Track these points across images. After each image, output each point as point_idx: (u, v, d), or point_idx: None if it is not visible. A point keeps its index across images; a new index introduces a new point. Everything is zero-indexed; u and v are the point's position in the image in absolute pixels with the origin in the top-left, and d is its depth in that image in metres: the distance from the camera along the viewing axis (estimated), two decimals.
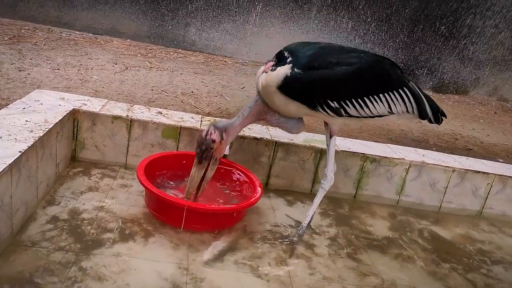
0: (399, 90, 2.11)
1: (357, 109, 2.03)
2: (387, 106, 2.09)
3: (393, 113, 2.13)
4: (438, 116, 2.25)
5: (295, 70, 1.94)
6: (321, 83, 1.96)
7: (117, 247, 1.89)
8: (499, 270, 2.39)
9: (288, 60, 1.97)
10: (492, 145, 4.07)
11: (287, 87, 1.97)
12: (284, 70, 1.96)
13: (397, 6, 5.63)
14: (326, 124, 2.26)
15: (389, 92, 2.08)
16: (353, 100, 2.01)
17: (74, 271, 1.69)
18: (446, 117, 2.32)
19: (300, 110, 2.07)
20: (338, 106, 2.00)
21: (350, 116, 2.05)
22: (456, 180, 2.86)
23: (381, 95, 2.06)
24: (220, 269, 1.90)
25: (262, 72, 2.06)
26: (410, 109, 2.15)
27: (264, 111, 2.14)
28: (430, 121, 2.24)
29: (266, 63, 2.09)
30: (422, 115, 2.19)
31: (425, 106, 2.18)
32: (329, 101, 1.99)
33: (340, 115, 2.03)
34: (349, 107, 2.02)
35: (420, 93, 2.18)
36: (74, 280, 1.65)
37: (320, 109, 2.01)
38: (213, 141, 2.04)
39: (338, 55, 2.01)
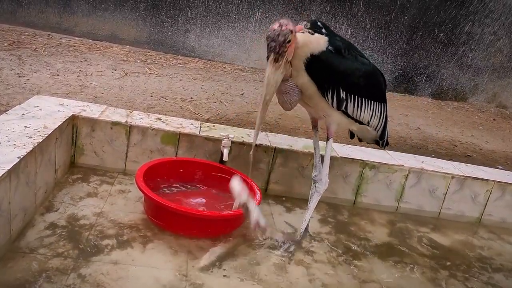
0: (382, 104, 2.21)
1: (354, 107, 2.07)
2: (370, 114, 2.15)
3: (369, 125, 2.19)
4: (387, 141, 2.39)
5: (330, 48, 1.91)
6: (345, 70, 1.97)
7: (116, 253, 1.89)
8: (499, 277, 2.38)
9: (324, 32, 1.94)
10: (491, 151, 4.08)
11: (317, 61, 1.90)
12: (324, 41, 1.91)
13: (396, 13, 5.66)
14: (314, 127, 2.28)
15: (378, 102, 2.17)
16: (357, 96, 2.05)
17: (73, 278, 1.68)
18: (388, 145, 2.46)
19: (308, 88, 1.99)
20: (344, 98, 2.02)
21: (346, 112, 2.07)
22: (455, 187, 2.86)
23: (373, 102, 2.14)
24: (219, 276, 1.89)
25: (296, 30, 1.86)
26: (379, 126, 2.25)
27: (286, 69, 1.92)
28: (382, 144, 2.37)
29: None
30: (383, 136, 2.32)
31: (386, 128, 2.32)
32: (341, 90, 2.00)
33: (339, 108, 2.04)
34: (351, 102, 2.05)
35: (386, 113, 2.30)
36: (73, 287, 1.64)
37: (329, 96, 1.99)
38: (291, 31, 1.78)
39: (357, 52, 2.06)
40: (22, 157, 1.78)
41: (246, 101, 4.04)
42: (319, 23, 2.00)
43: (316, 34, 1.93)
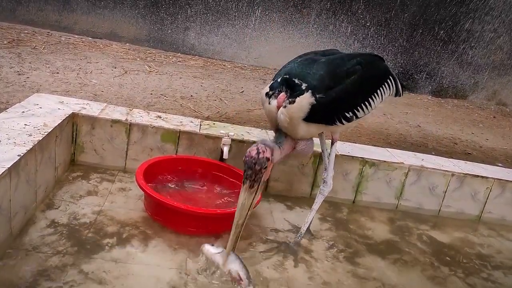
0: (387, 80, 2.23)
1: (364, 112, 2.08)
2: (380, 98, 2.18)
3: (382, 101, 2.23)
4: (403, 89, 2.43)
5: (317, 96, 1.86)
6: (341, 100, 1.96)
7: (116, 251, 1.89)
8: (499, 275, 2.38)
9: (304, 87, 1.87)
10: (491, 149, 4.08)
11: (313, 115, 1.89)
12: (307, 99, 1.86)
13: (396, 10, 5.65)
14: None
15: (382, 86, 2.18)
16: (362, 104, 2.06)
17: (73, 275, 1.68)
18: (404, 88, 2.51)
19: (319, 129, 2.06)
20: (352, 115, 2.03)
21: (358, 118, 2.08)
22: (455, 185, 2.86)
23: (378, 91, 2.15)
24: (219, 274, 1.89)
25: (277, 107, 1.91)
26: (392, 92, 2.29)
27: (294, 144, 2.03)
28: (399, 96, 2.41)
29: (270, 94, 1.94)
30: (397, 93, 2.36)
31: (399, 85, 2.34)
32: (346, 113, 2.00)
33: (351, 121, 2.05)
34: (359, 112, 2.05)
35: (394, 74, 2.33)
36: (72, 284, 1.64)
37: (338, 123, 2.00)
38: (268, 159, 1.78)
39: (343, 67, 2.00)
40: (22, 155, 1.78)
41: (246, 98, 4.04)
42: (296, 80, 1.90)
43: (297, 99, 1.87)
